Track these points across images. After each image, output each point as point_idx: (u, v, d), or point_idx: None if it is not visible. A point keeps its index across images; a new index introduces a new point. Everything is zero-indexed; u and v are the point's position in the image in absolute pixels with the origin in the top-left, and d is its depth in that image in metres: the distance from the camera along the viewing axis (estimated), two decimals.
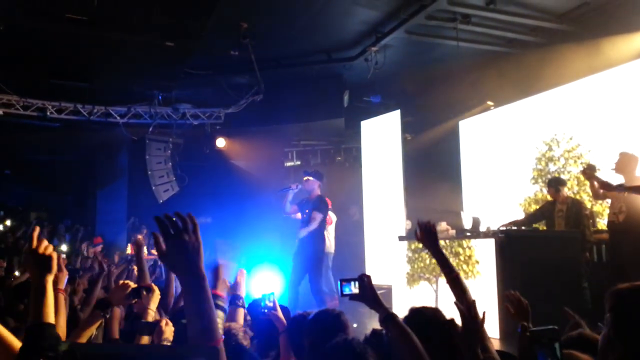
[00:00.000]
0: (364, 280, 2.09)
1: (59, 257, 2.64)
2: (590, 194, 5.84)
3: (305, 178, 6.74)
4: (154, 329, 2.46)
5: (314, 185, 6.67)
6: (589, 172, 5.30)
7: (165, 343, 2.65)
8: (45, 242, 1.75)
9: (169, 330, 2.48)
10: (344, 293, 2.13)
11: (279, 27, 7.53)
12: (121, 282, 2.82)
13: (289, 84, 9.33)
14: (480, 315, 1.89)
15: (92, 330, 2.49)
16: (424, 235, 2.61)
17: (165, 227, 1.30)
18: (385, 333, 2.02)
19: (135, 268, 5.42)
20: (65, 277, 2.72)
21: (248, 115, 9.59)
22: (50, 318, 1.61)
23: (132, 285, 2.75)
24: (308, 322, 2.71)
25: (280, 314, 2.79)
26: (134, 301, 2.83)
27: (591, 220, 6.09)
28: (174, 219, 1.32)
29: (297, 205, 6.79)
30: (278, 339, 2.73)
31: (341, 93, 9.38)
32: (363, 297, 2.09)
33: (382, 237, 8.94)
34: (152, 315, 2.72)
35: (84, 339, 2.43)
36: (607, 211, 5.56)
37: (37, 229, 1.78)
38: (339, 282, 2.17)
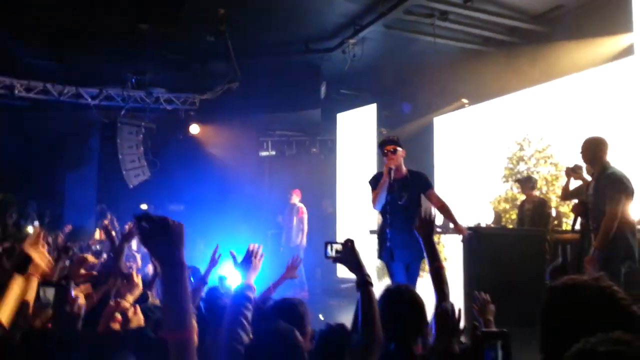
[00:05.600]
0: (348, 245, 2.17)
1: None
2: (559, 194, 5.95)
3: (390, 148, 4.63)
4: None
5: (401, 158, 4.74)
6: (579, 171, 5.27)
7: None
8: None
9: (136, 320, 2.42)
10: (328, 255, 2.23)
11: (257, 14, 7.44)
12: (81, 255, 2.71)
13: (265, 73, 9.25)
14: (457, 317, 1.95)
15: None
16: (423, 224, 2.76)
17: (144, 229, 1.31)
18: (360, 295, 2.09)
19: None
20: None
21: (223, 103, 9.49)
22: None
23: (91, 259, 2.65)
24: (268, 308, 2.72)
25: None
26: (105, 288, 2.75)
27: (556, 221, 6.21)
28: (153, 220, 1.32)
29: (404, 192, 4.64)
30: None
31: (318, 84, 9.35)
32: (345, 260, 2.18)
33: (354, 230, 8.98)
34: (126, 306, 2.59)
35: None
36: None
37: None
38: (324, 244, 2.25)
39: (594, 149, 4.21)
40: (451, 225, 4.78)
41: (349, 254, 2.16)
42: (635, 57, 5.47)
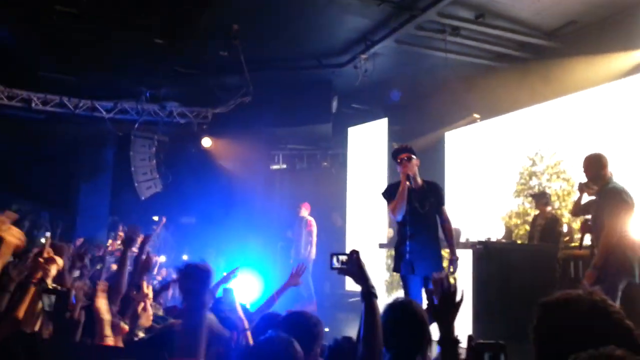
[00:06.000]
0: (353, 256, 2.16)
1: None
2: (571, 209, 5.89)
3: (404, 156, 4.46)
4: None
5: (417, 168, 4.56)
6: (592, 187, 5.21)
7: (139, 330, 2.58)
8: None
9: (145, 317, 2.42)
10: (333, 266, 2.20)
11: (270, 30, 7.54)
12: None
13: (277, 87, 9.33)
14: (460, 293, 1.89)
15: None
16: (441, 305, 1.90)
17: None
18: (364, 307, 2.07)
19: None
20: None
21: (236, 117, 9.57)
22: None
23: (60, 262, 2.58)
24: (280, 321, 2.71)
25: (240, 313, 2.79)
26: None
27: (567, 237, 6.15)
28: None
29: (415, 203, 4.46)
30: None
31: (330, 98, 9.40)
32: (350, 271, 2.16)
33: (364, 244, 8.95)
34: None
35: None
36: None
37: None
38: (330, 256, 2.23)
39: (596, 166, 4.22)
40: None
41: (354, 265, 2.15)
42: None
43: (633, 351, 1.21)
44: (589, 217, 4.91)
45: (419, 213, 4.38)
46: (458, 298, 1.88)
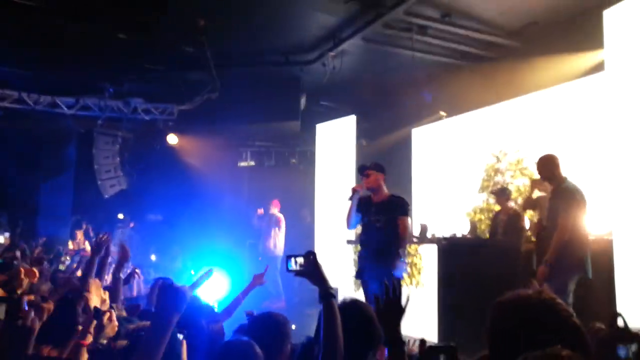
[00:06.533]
0: (310, 257, 2.14)
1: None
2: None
3: (365, 172, 4.96)
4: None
5: (379, 181, 4.94)
6: (545, 183, 5.39)
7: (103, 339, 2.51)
8: None
9: (110, 327, 2.36)
10: (290, 269, 2.18)
11: (236, 25, 7.45)
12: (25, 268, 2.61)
13: (245, 84, 9.24)
14: (405, 297, 1.93)
15: None
16: (388, 305, 2.03)
17: None
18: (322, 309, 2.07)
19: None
20: None
21: (202, 113, 9.43)
22: None
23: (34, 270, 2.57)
24: (246, 325, 2.69)
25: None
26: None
27: (529, 233, 6.31)
28: None
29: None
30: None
31: (298, 96, 9.38)
32: (307, 273, 2.14)
33: (332, 241, 8.98)
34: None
35: None
36: None
37: None
38: (285, 258, 2.21)
39: (549, 166, 4.36)
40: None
41: (311, 267, 2.13)
42: (605, 73, 5.61)
43: (581, 348, 1.26)
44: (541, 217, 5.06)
45: (372, 225, 4.74)
46: (404, 302, 1.93)
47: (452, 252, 5.20)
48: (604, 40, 5.56)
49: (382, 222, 4.68)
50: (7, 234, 9.89)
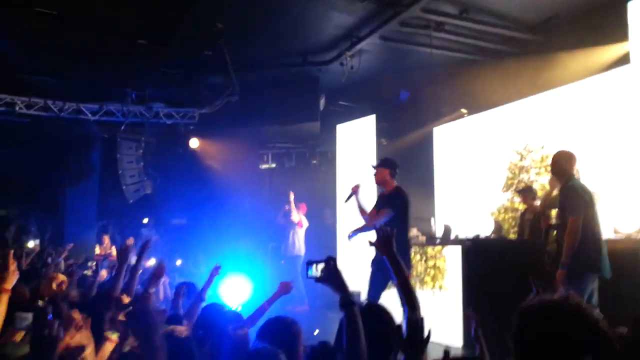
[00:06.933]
0: (330, 264, 2.11)
1: (7, 256, 2.54)
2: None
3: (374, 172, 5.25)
4: None
5: (385, 177, 5.19)
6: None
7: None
8: None
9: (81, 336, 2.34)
10: (310, 275, 2.15)
11: (255, 28, 7.49)
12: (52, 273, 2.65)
13: (264, 86, 9.28)
14: (427, 332, 1.90)
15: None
16: (380, 241, 2.43)
17: None
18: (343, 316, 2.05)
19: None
20: (13, 277, 2.60)
21: (223, 116, 9.51)
22: None
23: (62, 277, 2.61)
24: (258, 332, 2.68)
25: None
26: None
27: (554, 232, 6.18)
28: None
29: (375, 209, 5.22)
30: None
31: (317, 96, 9.37)
32: (328, 280, 2.11)
33: (354, 242, 8.92)
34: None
35: None
36: None
37: None
38: (305, 264, 2.18)
39: (563, 163, 4.26)
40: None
41: (331, 273, 2.10)
42: (631, 66, 5.46)
43: (608, 355, 1.22)
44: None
45: None
46: (425, 335, 1.90)
47: (476, 253, 5.11)
48: (629, 31, 5.41)
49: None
50: (37, 241, 10.11)
